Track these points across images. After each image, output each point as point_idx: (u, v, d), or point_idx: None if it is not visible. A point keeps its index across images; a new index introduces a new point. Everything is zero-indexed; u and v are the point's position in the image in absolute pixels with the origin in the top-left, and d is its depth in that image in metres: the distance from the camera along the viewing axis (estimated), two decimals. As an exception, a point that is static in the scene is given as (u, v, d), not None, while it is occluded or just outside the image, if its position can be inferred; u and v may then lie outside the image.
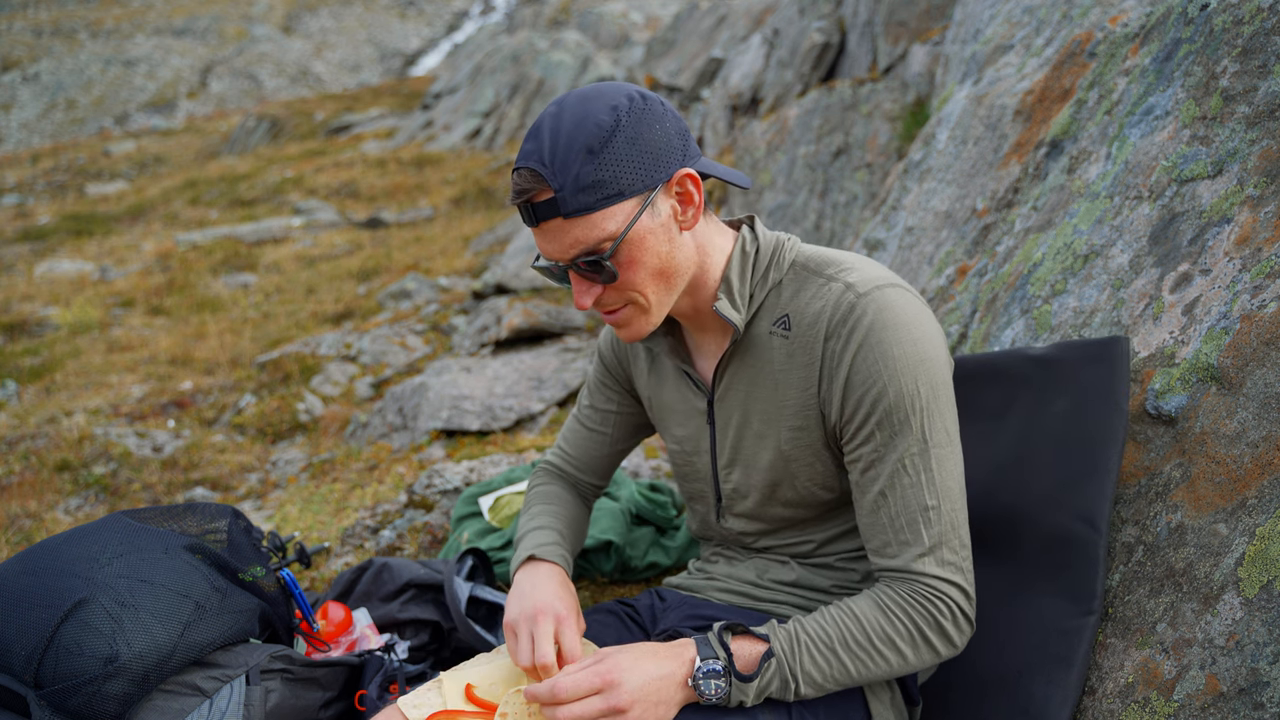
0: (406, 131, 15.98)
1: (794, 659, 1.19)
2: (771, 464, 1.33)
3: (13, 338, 6.90)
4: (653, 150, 1.18)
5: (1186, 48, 1.71)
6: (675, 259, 1.24)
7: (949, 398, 1.24)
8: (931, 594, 1.20)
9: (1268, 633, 1.11)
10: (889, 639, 1.19)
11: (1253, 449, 1.23)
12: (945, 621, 1.20)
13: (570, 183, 1.14)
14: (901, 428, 1.20)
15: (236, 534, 1.72)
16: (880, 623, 1.20)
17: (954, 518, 1.21)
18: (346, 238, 9.55)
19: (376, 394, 4.66)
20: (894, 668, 1.21)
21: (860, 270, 1.26)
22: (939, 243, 2.45)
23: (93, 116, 34.71)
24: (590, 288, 1.23)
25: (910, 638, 1.20)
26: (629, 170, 1.16)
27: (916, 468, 1.20)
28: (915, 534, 1.20)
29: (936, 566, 1.20)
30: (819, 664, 1.19)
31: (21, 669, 1.38)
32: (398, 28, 44.63)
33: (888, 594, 1.21)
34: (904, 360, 1.20)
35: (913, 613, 1.19)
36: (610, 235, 1.17)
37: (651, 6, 27.00)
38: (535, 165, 1.15)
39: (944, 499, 1.21)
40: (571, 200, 1.15)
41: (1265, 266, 1.33)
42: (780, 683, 1.19)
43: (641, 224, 1.19)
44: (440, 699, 1.28)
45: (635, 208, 1.18)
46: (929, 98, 4.53)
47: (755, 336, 1.31)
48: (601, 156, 1.15)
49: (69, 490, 3.74)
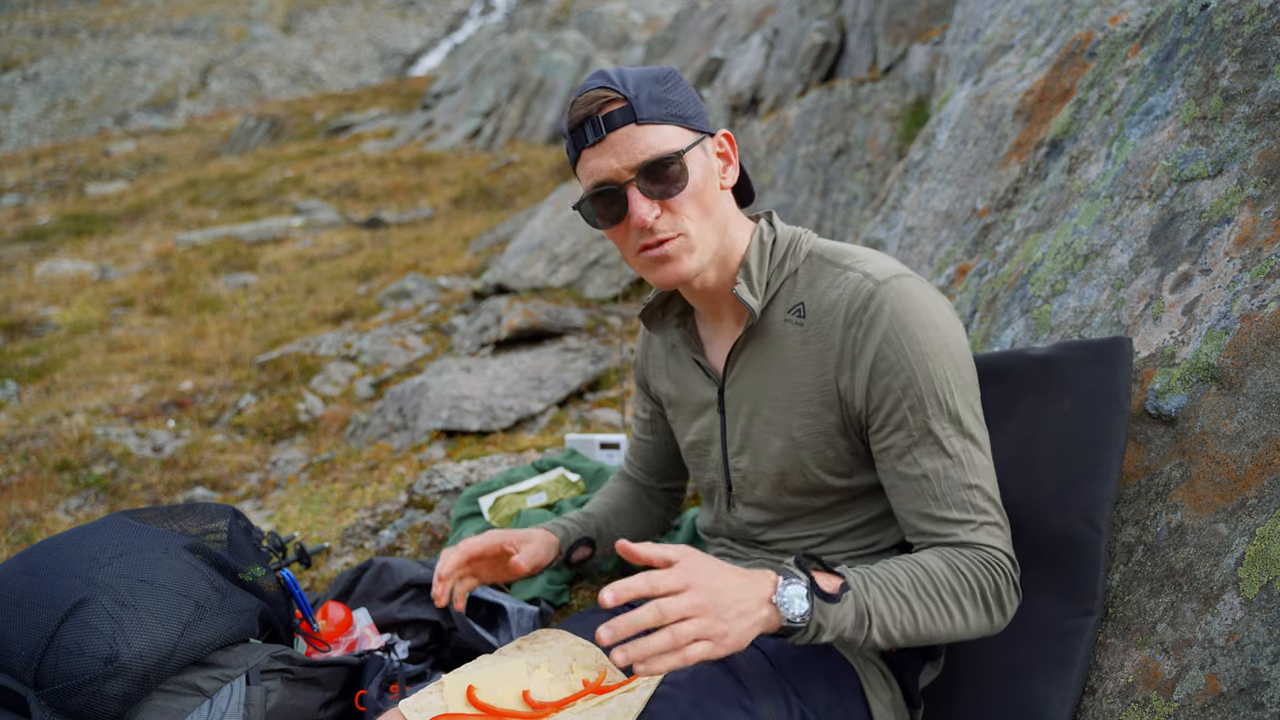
0: (406, 131, 15.98)
1: (867, 594, 1.14)
2: (782, 451, 1.35)
3: (13, 338, 6.90)
4: (700, 106, 1.31)
5: (1186, 48, 1.71)
6: (720, 207, 1.32)
7: (974, 379, 1.28)
8: (995, 562, 1.22)
9: (1268, 633, 1.11)
10: (956, 595, 1.20)
11: (1253, 449, 1.23)
12: (1004, 589, 1.22)
13: (644, 94, 1.24)
14: (936, 412, 1.23)
15: (236, 534, 1.72)
16: (949, 578, 1.20)
17: (995, 495, 1.25)
18: (346, 238, 9.55)
19: (376, 394, 4.66)
20: (955, 627, 1.20)
21: (876, 261, 1.29)
22: (939, 243, 2.45)
23: (93, 116, 34.72)
24: (651, 206, 1.25)
25: (974, 598, 1.21)
26: (689, 106, 1.28)
27: (955, 449, 1.23)
28: (965, 513, 1.23)
29: (990, 539, 1.22)
30: (890, 606, 1.15)
31: (22, 669, 1.38)
32: (398, 28, 44.64)
33: (954, 554, 1.22)
34: (930, 345, 1.22)
35: (981, 575, 1.21)
36: (678, 148, 1.25)
37: (651, 6, 27.01)
38: (604, 84, 1.25)
39: (984, 477, 1.24)
40: (646, 108, 1.23)
41: (1265, 266, 1.33)
42: (855, 617, 1.13)
43: (697, 155, 1.28)
44: (442, 702, 1.28)
45: (694, 138, 1.28)
46: (929, 98, 4.53)
47: (769, 325, 1.33)
48: (667, 85, 1.27)
49: (69, 490, 3.75)
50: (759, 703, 1.23)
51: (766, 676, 1.27)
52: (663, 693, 1.23)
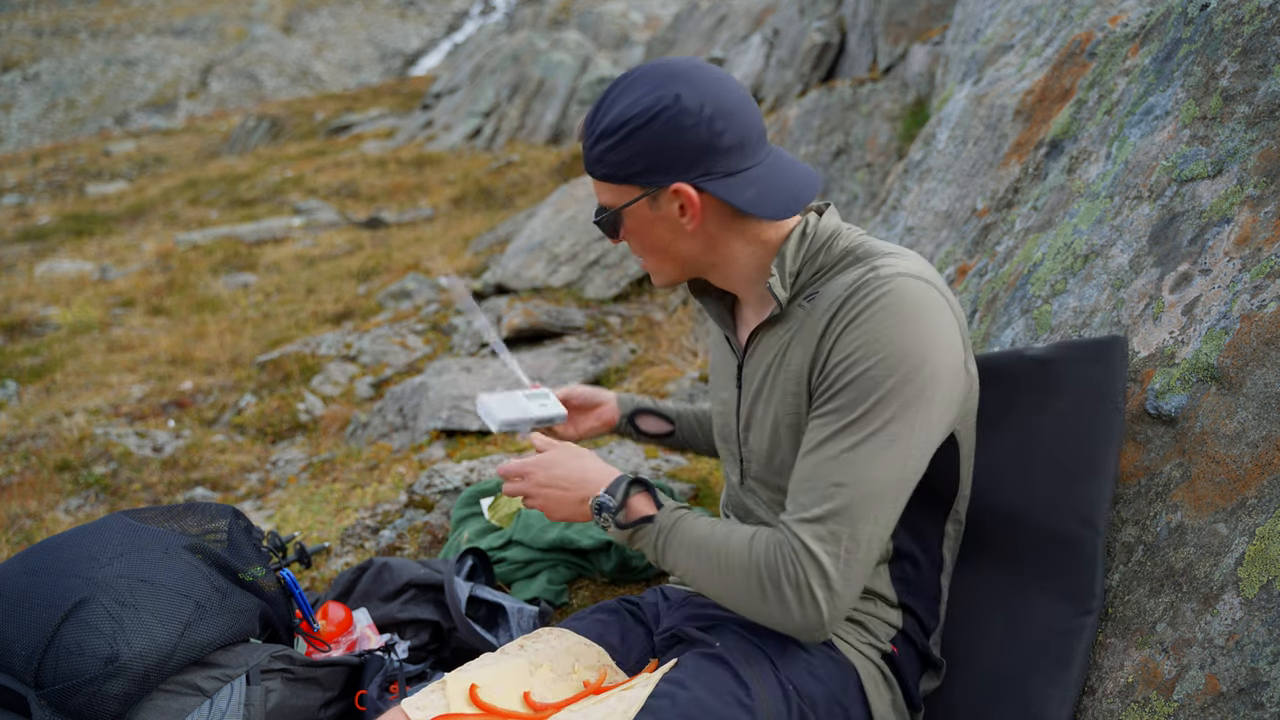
0: (406, 131, 15.97)
1: (664, 538, 1.32)
2: (771, 429, 1.37)
3: (13, 338, 6.90)
4: (659, 156, 1.28)
5: (1186, 48, 1.71)
6: (679, 248, 1.37)
7: (925, 402, 1.20)
8: (791, 553, 1.20)
9: (1268, 633, 1.11)
10: (738, 567, 1.24)
11: (1253, 449, 1.23)
12: (787, 585, 1.19)
13: (591, 150, 1.32)
14: (853, 405, 1.21)
15: (237, 534, 1.73)
16: (742, 550, 1.25)
17: (856, 508, 1.18)
18: (346, 238, 9.54)
19: (376, 394, 4.66)
20: (729, 595, 1.27)
21: (896, 261, 1.27)
22: (939, 243, 2.45)
23: (93, 116, 34.72)
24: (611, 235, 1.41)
25: (749, 574, 1.23)
26: (639, 163, 1.29)
27: (844, 445, 1.20)
28: (811, 501, 1.21)
29: (810, 537, 1.19)
30: (680, 555, 1.31)
31: (22, 669, 1.38)
32: (398, 28, 44.64)
33: (764, 533, 1.26)
34: (888, 344, 1.20)
35: (769, 556, 1.22)
36: (611, 205, 1.36)
37: (651, 6, 27.02)
38: (587, 123, 1.33)
39: (855, 485, 1.19)
40: (591, 165, 1.33)
41: (1265, 266, 1.33)
42: (652, 550, 1.34)
43: (640, 210, 1.34)
44: (444, 701, 1.28)
45: (633, 195, 1.33)
46: (929, 98, 4.54)
47: (788, 310, 1.36)
48: (611, 142, 1.29)
49: (69, 490, 3.75)
50: (758, 700, 1.23)
51: (766, 674, 1.28)
52: (662, 690, 1.23)
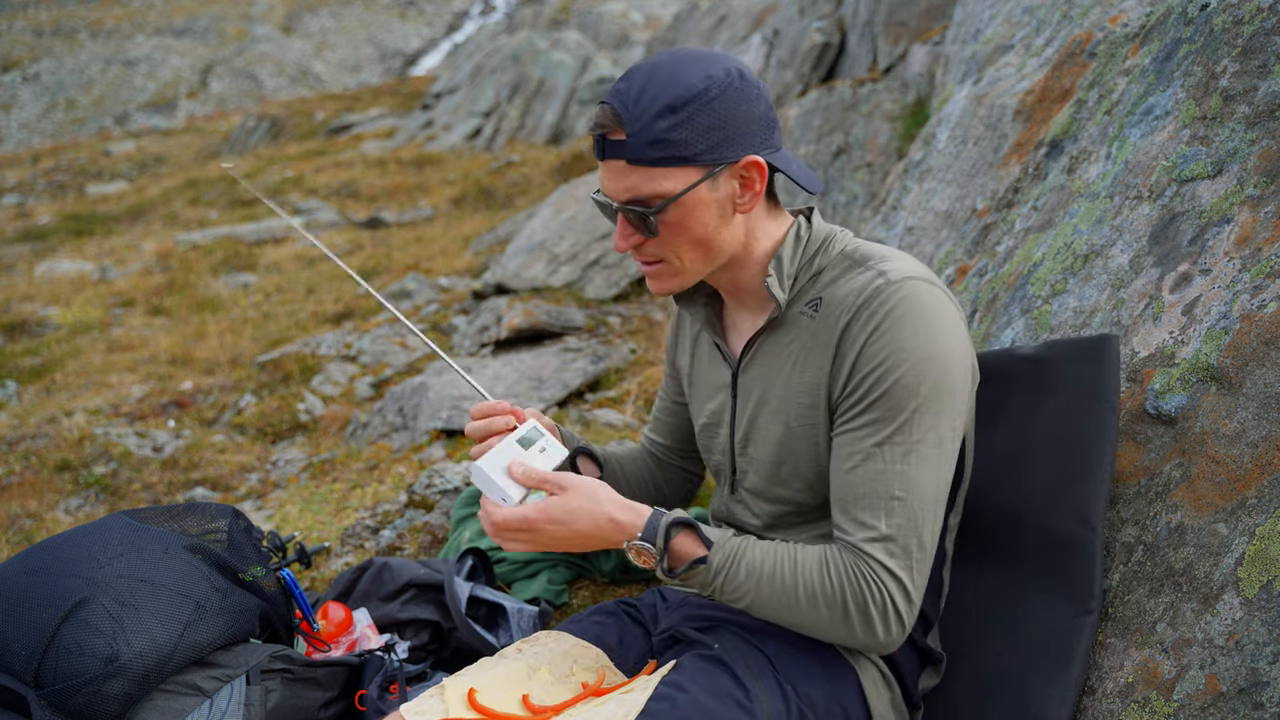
0: (406, 131, 15.97)
1: (722, 579, 1.24)
2: (780, 439, 1.35)
3: (13, 338, 6.89)
4: (731, 129, 1.22)
5: (1186, 48, 1.71)
6: (721, 236, 1.29)
7: (953, 403, 1.23)
8: (872, 576, 1.19)
9: (1267, 633, 1.11)
10: (813, 594, 1.21)
11: (1253, 449, 1.23)
12: (873, 608, 1.19)
13: (642, 132, 1.19)
14: (893, 415, 1.21)
15: (237, 534, 1.73)
16: (814, 575, 1.22)
17: (917, 517, 1.20)
18: (346, 238, 9.54)
19: (376, 394, 4.66)
20: (807, 623, 1.23)
21: (898, 263, 1.28)
22: (939, 243, 2.45)
23: (93, 116, 34.71)
24: (632, 234, 1.28)
25: (833, 603, 1.20)
26: (702, 140, 1.21)
27: (894, 456, 1.21)
28: (875, 518, 1.20)
29: (885, 555, 1.19)
30: (741, 592, 1.24)
31: (22, 669, 1.38)
32: (398, 28, 44.64)
33: (835, 555, 1.22)
34: (915, 351, 1.21)
35: (848, 582, 1.20)
36: (664, 193, 1.22)
37: (651, 6, 27.01)
38: (617, 105, 1.21)
39: (912, 495, 1.20)
40: (638, 150, 1.20)
41: (1265, 266, 1.33)
42: (704, 588, 1.25)
43: (698, 194, 1.23)
44: (443, 705, 1.27)
45: (697, 176, 1.22)
46: (929, 98, 4.54)
47: (787, 317, 1.35)
48: (679, 118, 1.19)
49: (69, 490, 3.75)
50: (758, 702, 1.23)
51: (765, 676, 1.28)
52: (661, 693, 1.23)
